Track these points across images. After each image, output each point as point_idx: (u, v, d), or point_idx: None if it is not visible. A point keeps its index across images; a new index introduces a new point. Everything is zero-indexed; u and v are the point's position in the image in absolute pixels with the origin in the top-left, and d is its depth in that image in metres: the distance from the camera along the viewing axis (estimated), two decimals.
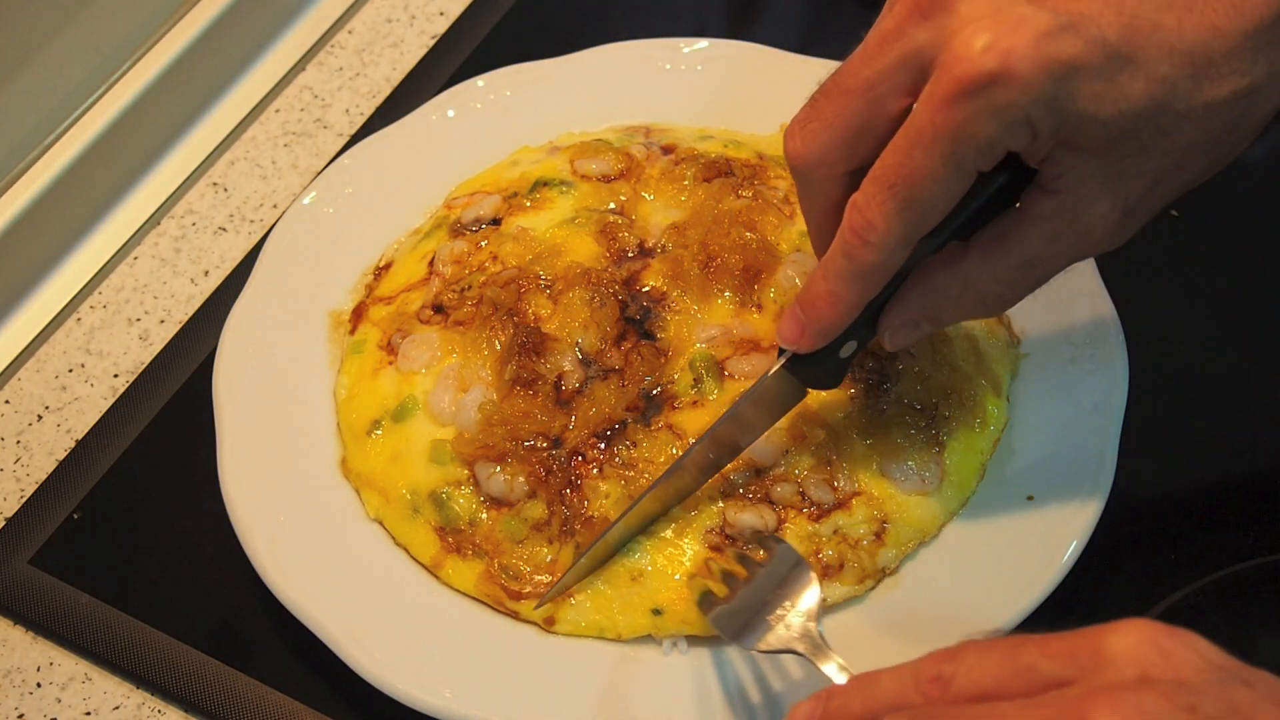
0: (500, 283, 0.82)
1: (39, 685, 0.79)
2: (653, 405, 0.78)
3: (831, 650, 0.63)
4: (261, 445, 0.81)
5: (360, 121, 1.04)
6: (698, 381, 0.78)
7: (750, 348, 0.79)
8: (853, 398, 0.77)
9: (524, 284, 0.82)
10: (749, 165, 0.88)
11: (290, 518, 0.78)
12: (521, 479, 0.76)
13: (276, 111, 1.06)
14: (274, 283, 0.88)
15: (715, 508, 0.75)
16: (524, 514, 0.76)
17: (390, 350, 0.83)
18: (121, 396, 0.90)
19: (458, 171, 0.94)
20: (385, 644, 0.73)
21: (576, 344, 0.80)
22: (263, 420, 0.82)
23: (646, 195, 0.88)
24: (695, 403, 0.78)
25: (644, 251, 0.84)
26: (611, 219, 0.86)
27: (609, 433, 0.77)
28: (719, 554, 0.73)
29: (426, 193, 0.94)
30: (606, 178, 0.89)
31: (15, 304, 0.96)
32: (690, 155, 0.89)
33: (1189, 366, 0.86)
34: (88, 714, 0.77)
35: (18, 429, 0.90)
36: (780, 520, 0.75)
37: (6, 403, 0.91)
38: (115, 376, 0.92)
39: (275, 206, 1.00)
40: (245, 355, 0.85)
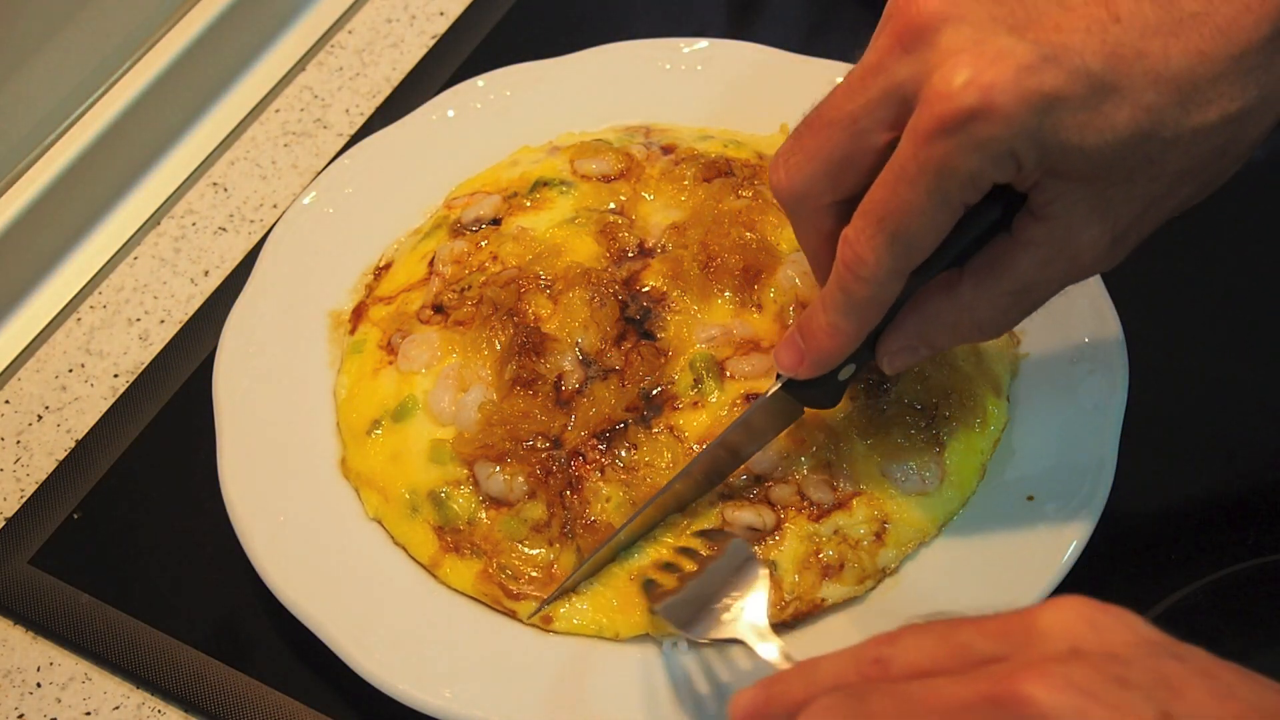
0: (500, 283, 0.82)
1: (39, 685, 0.79)
2: (653, 406, 0.78)
3: (777, 640, 0.64)
4: (261, 445, 0.81)
5: (360, 121, 1.04)
6: (698, 382, 0.78)
7: (750, 348, 0.79)
8: (852, 398, 0.77)
9: (524, 284, 0.82)
10: (749, 165, 0.88)
11: (290, 518, 0.78)
12: (521, 479, 0.76)
13: (276, 111, 1.06)
14: (274, 283, 0.88)
15: (714, 510, 0.75)
16: (523, 514, 0.76)
17: (390, 350, 0.83)
18: (121, 396, 0.90)
19: (458, 171, 0.94)
20: (385, 644, 0.73)
21: (576, 344, 0.80)
22: (263, 420, 0.82)
23: (646, 195, 0.88)
24: (696, 403, 0.78)
25: (644, 251, 0.84)
26: (611, 219, 0.86)
27: (609, 434, 0.77)
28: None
29: (426, 193, 0.93)
30: (606, 178, 0.89)
31: (15, 304, 0.96)
32: (690, 155, 0.89)
33: (1189, 367, 0.86)
34: (88, 714, 0.77)
35: (18, 429, 0.90)
36: (779, 520, 0.75)
37: (6, 403, 0.91)
38: (115, 376, 0.92)
39: (275, 206, 1.00)
40: (245, 355, 0.85)
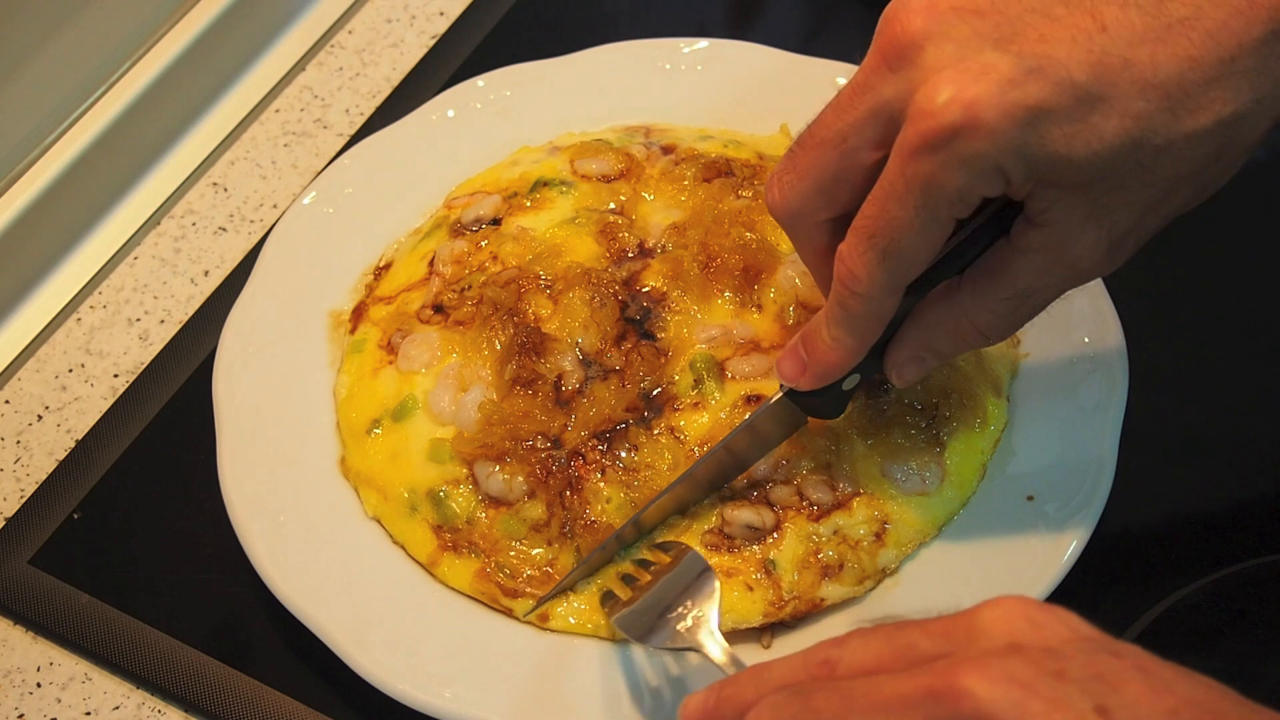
0: (500, 283, 0.82)
1: (39, 685, 0.79)
2: (653, 406, 0.78)
3: (729, 648, 0.65)
4: (261, 445, 0.81)
5: (360, 121, 1.04)
6: (698, 382, 0.78)
7: (751, 348, 0.79)
8: (853, 398, 0.77)
9: (524, 284, 0.82)
10: (749, 165, 0.88)
11: (290, 517, 0.78)
12: (520, 479, 0.76)
13: (276, 111, 1.06)
14: (274, 283, 0.88)
15: (714, 511, 0.75)
16: (523, 514, 0.76)
17: (390, 350, 0.83)
18: (121, 396, 0.90)
19: (458, 171, 0.94)
20: (384, 644, 0.73)
21: (576, 344, 0.80)
22: (262, 420, 0.82)
23: (646, 195, 0.88)
24: (696, 404, 0.78)
25: (644, 251, 0.84)
26: (611, 219, 0.86)
27: (609, 434, 0.77)
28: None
29: (426, 193, 0.93)
30: (606, 178, 0.89)
31: (15, 304, 0.96)
32: (690, 155, 0.89)
33: (1189, 366, 0.86)
34: (88, 714, 0.77)
35: (18, 429, 0.90)
36: (779, 520, 0.75)
37: (6, 403, 0.91)
38: (115, 376, 0.92)
39: (275, 206, 1.00)
40: (245, 355, 0.85)
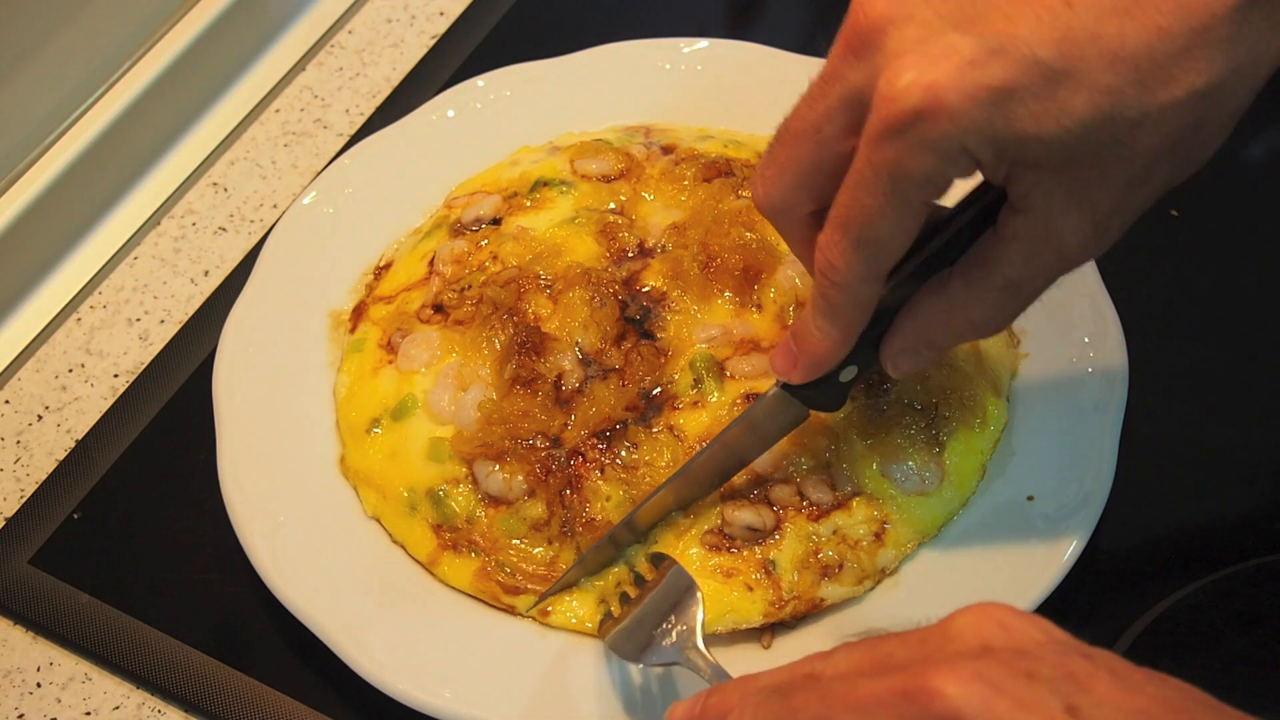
0: (500, 282, 0.83)
1: (39, 685, 0.79)
2: (652, 406, 0.78)
3: (715, 662, 0.66)
4: (261, 445, 0.81)
5: (360, 121, 1.04)
6: (698, 382, 0.78)
7: (750, 348, 0.79)
8: (852, 398, 0.77)
9: (524, 284, 0.82)
10: (749, 165, 0.88)
11: (290, 517, 0.78)
12: (520, 478, 0.76)
13: (276, 111, 1.06)
14: (274, 283, 0.88)
15: (715, 510, 0.75)
16: (522, 513, 0.76)
17: (390, 349, 0.83)
18: (121, 396, 0.90)
19: (458, 171, 0.94)
20: (384, 644, 0.73)
21: (576, 344, 0.80)
22: (262, 420, 0.82)
23: (646, 195, 0.88)
24: (696, 403, 0.78)
25: (644, 251, 0.84)
26: (611, 219, 0.86)
27: (609, 433, 0.77)
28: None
29: (426, 193, 0.94)
30: (606, 178, 0.89)
31: (15, 304, 0.96)
32: (690, 155, 0.89)
33: (1189, 366, 0.86)
34: (88, 714, 0.77)
35: (18, 429, 0.90)
36: (779, 520, 0.75)
37: (6, 403, 0.91)
38: (115, 376, 0.92)
39: (275, 206, 1.00)
40: (245, 355, 0.85)
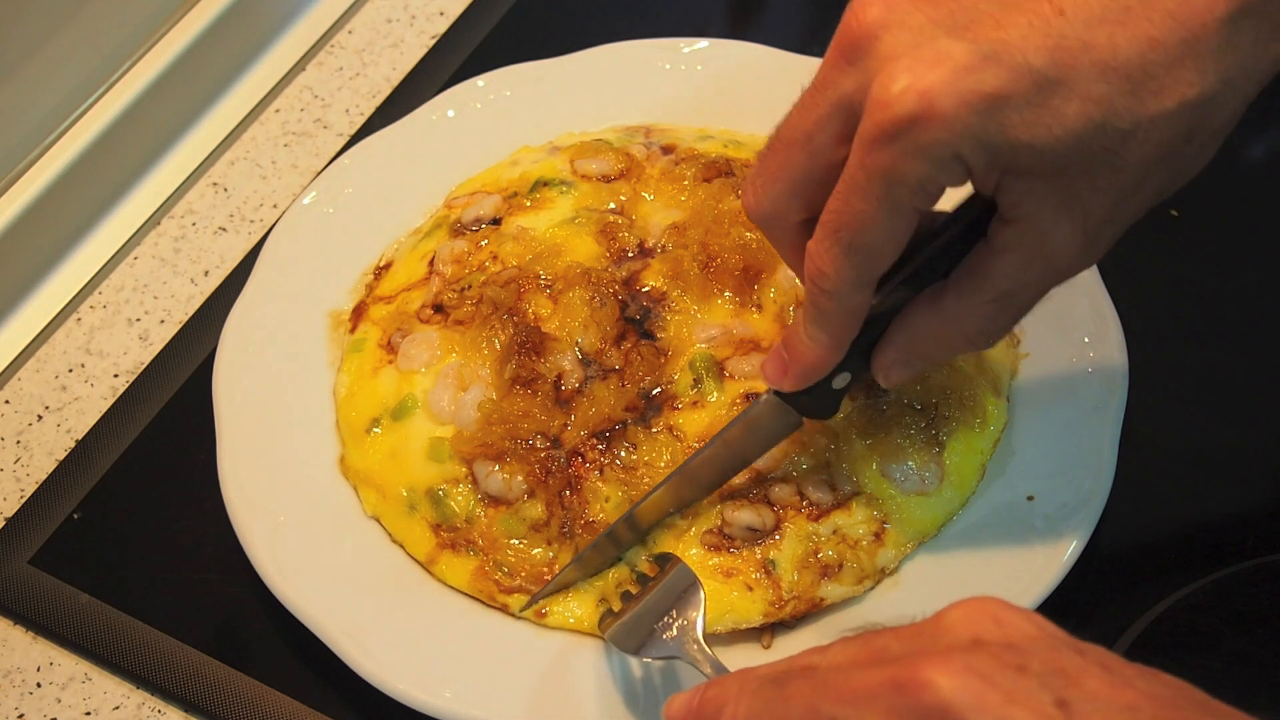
0: (500, 282, 0.83)
1: (39, 685, 0.79)
2: (652, 406, 0.78)
3: (714, 656, 0.66)
4: (261, 445, 0.81)
5: (360, 121, 1.04)
6: (698, 382, 0.78)
7: (750, 348, 0.79)
8: (852, 398, 0.77)
9: (524, 284, 0.82)
10: (749, 165, 0.88)
11: (290, 517, 0.78)
12: (520, 478, 0.76)
13: (276, 111, 1.06)
14: (274, 283, 0.88)
15: (714, 510, 0.75)
16: (522, 513, 0.76)
17: (390, 349, 0.83)
18: (121, 396, 0.90)
19: (458, 171, 0.94)
20: (384, 643, 0.73)
21: (576, 344, 0.80)
22: (262, 420, 0.82)
23: (646, 195, 0.88)
24: (695, 403, 0.78)
25: (644, 251, 0.84)
26: (611, 219, 0.86)
27: (609, 433, 0.77)
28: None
29: (426, 193, 0.94)
30: (606, 178, 0.89)
31: (15, 304, 0.96)
32: (690, 155, 0.89)
33: (1189, 366, 0.86)
34: (88, 714, 0.77)
35: (18, 429, 0.90)
36: (779, 520, 0.75)
37: (6, 403, 0.91)
38: (115, 376, 0.92)
39: (275, 206, 1.00)
40: (245, 355, 0.85)
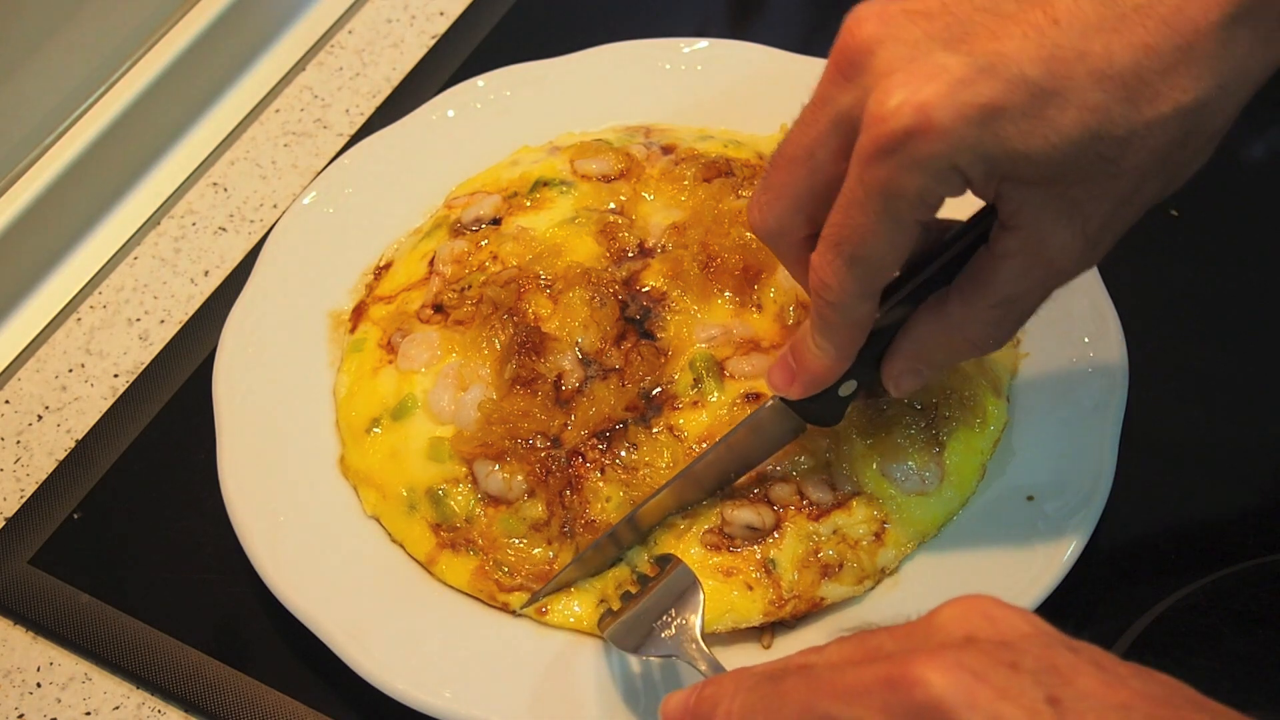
0: (500, 282, 0.83)
1: (39, 685, 0.79)
2: (652, 406, 0.78)
3: (711, 654, 0.66)
4: (261, 445, 0.81)
5: (360, 121, 1.04)
6: (698, 382, 0.78)
7: (750, 348, 0.79)
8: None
9: (524, 284, 0.82)
10: (749, 165, 0.88)
11: (290, 517, 0.78)
12: (520, 478, 0.76)
13: (276, 111, 1.06)
14: (274, 283, 0.88)
15: (714, 510, 0.75)
16: (522, 513, 0.76)
17: (390, 349, 0.83)
18: (121, 396, 0.90)
19: (458, 171, 0.94)
20: (384, 643, 0.73)
21: (576, 344, 0.80)
22: (262, 420, 0.82)
23: (646, 195, 0.88)
24: (695, 403, 0.78)
25: (644, 251, 0.84)
26: (611, 219, 0.86)
27: (609, 433, 0.77)
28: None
29: (426, 192, 0.94)
30: (606, 178, 0.89)
31: (15, 304, 0.96)
32: (690, 155, 0.89)
33: (1189, 366, 0.86)
34: (88, 714, 0.77)
35: (18, 429, 0.90)
36: (779, 520, 0.75)
37: (6, 403, 0.91)
38: (115, 376, 0.92)
39: (275, 206, 1.00)
40: (245, 355, 0.85)
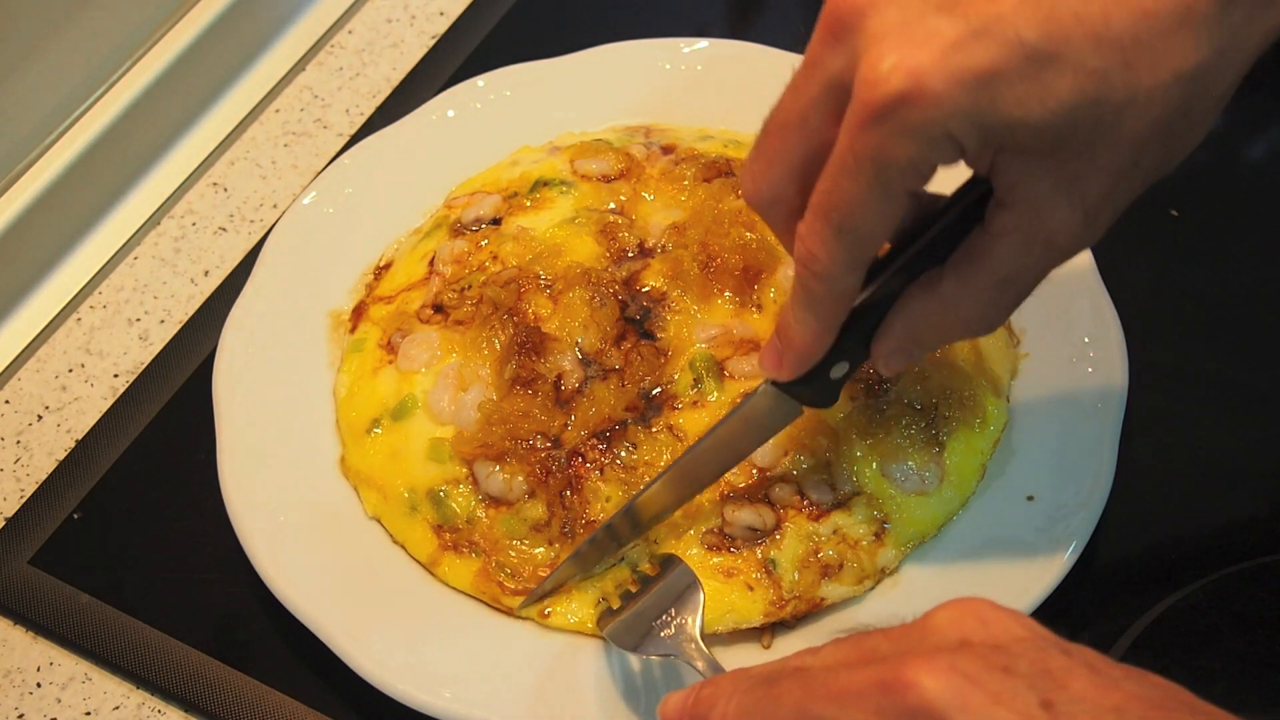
0: (500, 282, 0.83)
1: (39, 685, 0.79)
2: (652, 406, 0.78)
3: (712, 656, 0.67)
4: (261, 445, 0.81)
5: (360, 121, 1.04)
6: (698, 382, 0.78)
7: (750, 348, 0.79)
8: (852, 398, 0.77)
9: (524, 284, 0.82)
10: None
11: (290, 517, 0.78)
12: (520, 478, 0.76)
13: (276, 111, 1.06)
14: (274, 283, 0.88)
15: (715, 510, 0.75)
16: (523, 514, 0.76)
17: (390, 349, 0.83)
18: (121, 396, 0.90)
19: (458, 171, 0.94)
20: (384, 644, 0.73)
21: (576, 344, 0.80)
22: (263, 420, 0.82)
23: (646, 195, 0.88)
24: (695, 403, 0.78)
25: (644, 251, 0.84)
26: (611, 219, 0.86)
27: (609, 433, 0.77)
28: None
29: (426, 193, 0.94)
30: (606, 178, 0.89)
31: (15, 304, 0.96)
32: (690, 155, 0.89)
33: (1189, 366, 0.86)
34: (88, 714, 0.77)
35: (18, 429, 0.90)
36: (779, 520, 0.75)
37: (6, 403, 0.91)
38: (115, 376, 0.92)
39: (275, 206, 1.00)
40: (245, 355, 0.85)
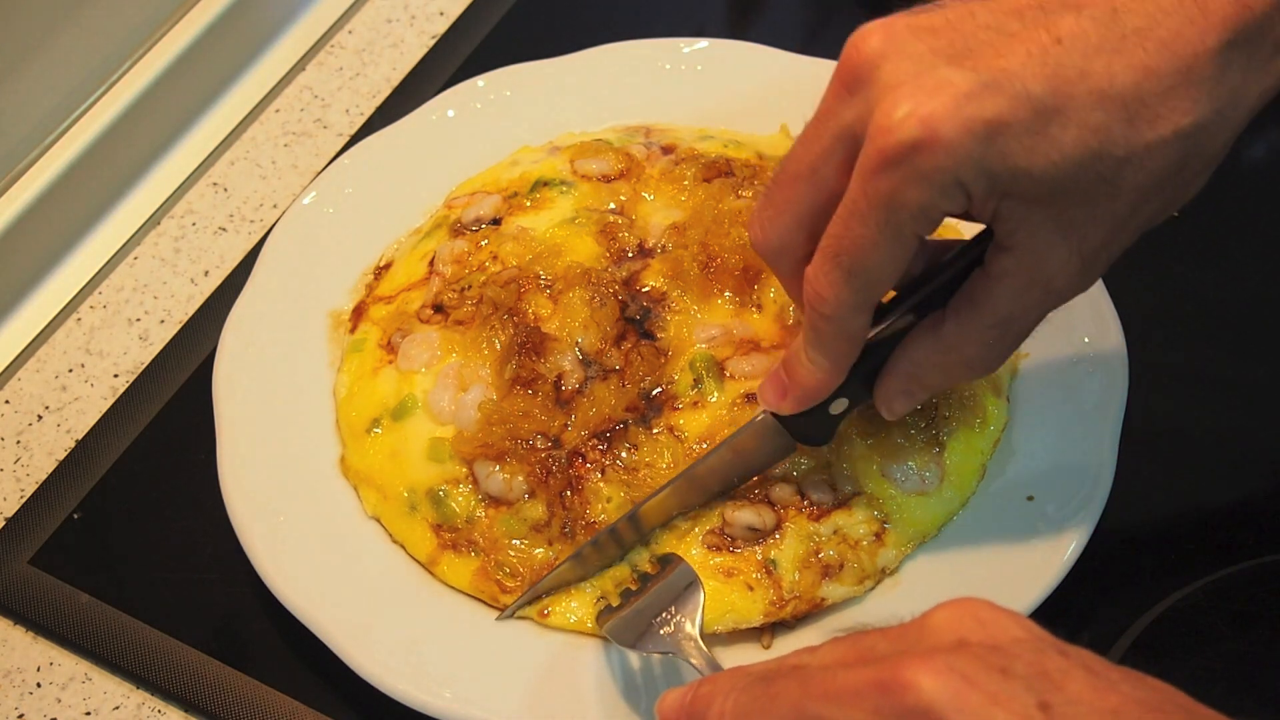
0: (500, 282, 0.83)
1: (39, 685, 0.79)
2: (653, 406, 0.78)
3: (710, 654, 0.67)
4: (261, 445, 0.81)
5: (360, 121, 1.04)
6: (698, 382, 0.78)
7: (750, 348, 0.79)
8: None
9: (524, 284, 0.82)
10: (749, 165, 0.88)
11: (290, 517, 0.78)
12: (520, 478, 0.76)
13: (276, 111, 1.06)
14: (274, 283, 0.88)
15: (715, 510, 0.75)
16: (523, 514, 0.76)
17: (390, 349, 0.83)
18: (121, 396, 0.90)
19: (458, 171, 0.94)
20: (384, 644, 0.73)
21: (576, 344, 0.80)
22: (262, 420, 0.82)
23: (646, 195, 0.88)
24: (696, 403, 0.78)
25: (644, 251, 0.84)
26: (611, 219, 0.86)
27: (609, 434, 0.77)
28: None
29: (426, 193, 0.93)
30: (606, 178, 0.89)
31: (15, 304, 0.96)
32: (690, 155, 0.89)
33: (1189, 366, 0.86)
34: (88, 714, 0.77)
35: (18, 429, 0.90)
36: (779, 520, 0.75)
37: (6, 403, 0.91)
38: (115, 376, 0.92)
39: (275, 206, 1.00)
40: (245, 355, 0.85)
